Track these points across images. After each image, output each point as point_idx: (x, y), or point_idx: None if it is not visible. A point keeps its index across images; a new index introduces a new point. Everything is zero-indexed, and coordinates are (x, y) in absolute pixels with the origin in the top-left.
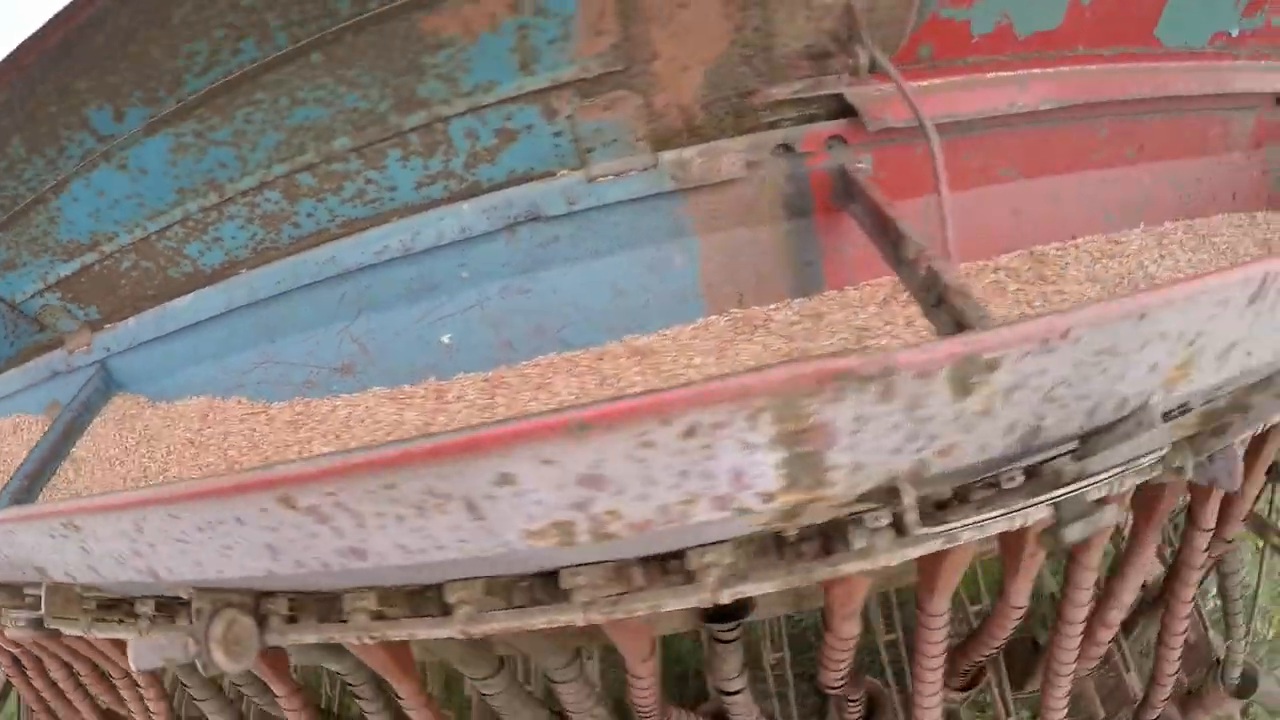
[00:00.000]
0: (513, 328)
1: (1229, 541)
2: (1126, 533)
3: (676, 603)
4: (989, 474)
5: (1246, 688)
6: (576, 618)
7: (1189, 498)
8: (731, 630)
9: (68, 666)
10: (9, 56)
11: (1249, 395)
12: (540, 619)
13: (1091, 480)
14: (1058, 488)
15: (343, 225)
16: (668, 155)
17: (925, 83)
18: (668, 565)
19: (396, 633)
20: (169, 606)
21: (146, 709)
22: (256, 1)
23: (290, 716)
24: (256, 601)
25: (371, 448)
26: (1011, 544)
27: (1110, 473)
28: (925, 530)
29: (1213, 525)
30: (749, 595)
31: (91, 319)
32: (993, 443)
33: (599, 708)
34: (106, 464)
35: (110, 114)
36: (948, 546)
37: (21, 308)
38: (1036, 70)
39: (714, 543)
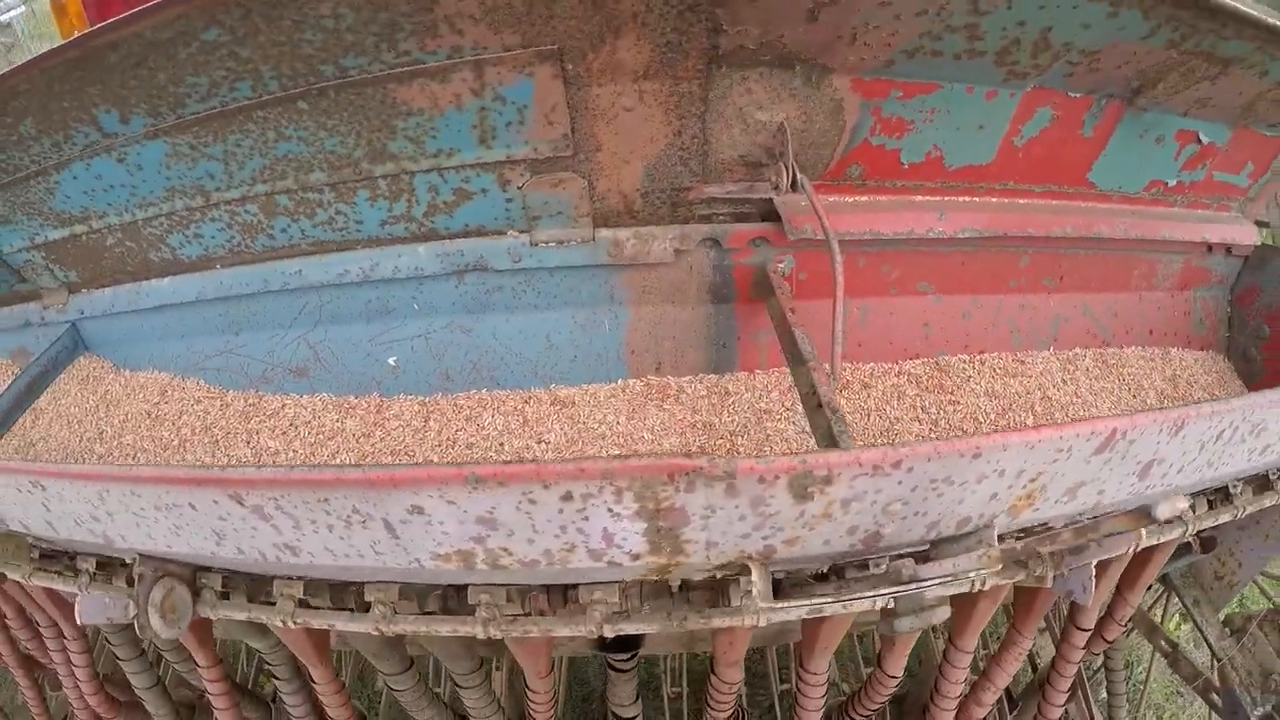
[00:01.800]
0: (453, 361)
1: (1110, 641)
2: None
3: (566, 631)
4: (841, 562)
5: None
6: (478, 631)
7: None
8: (626, 660)
9: None
10: (35, 58)
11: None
12: (445, 628)
13: (925, 582)
14: (897, 584)
15: (312, 245)
16: (605, 232)
17: (852, 199)
18: (564, 595)
19: (318, 621)
20: (108, 566)
21: (69, 659)
22: (253, 55)
23: (210, 687)
24: (193, 575)
25: (312, 466)
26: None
27: (943, 579)
28: (774, 604)
29: (1090, 626)
30: (634, 633)
31: (70, 281)
32: (836, 540)
33: (499, 715)
34: (65, 421)
35: (117, 117)
36: (811, 616)
37: (6, 259)
38: (964, 199)
39: (603, 582)
